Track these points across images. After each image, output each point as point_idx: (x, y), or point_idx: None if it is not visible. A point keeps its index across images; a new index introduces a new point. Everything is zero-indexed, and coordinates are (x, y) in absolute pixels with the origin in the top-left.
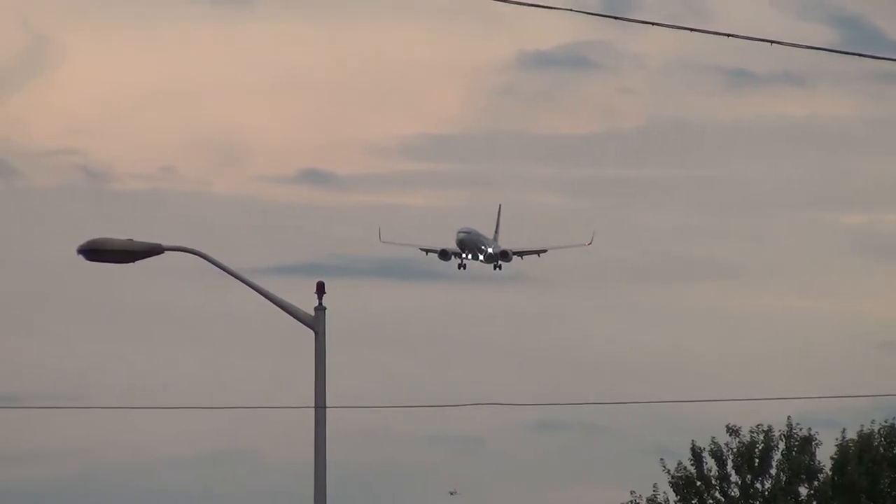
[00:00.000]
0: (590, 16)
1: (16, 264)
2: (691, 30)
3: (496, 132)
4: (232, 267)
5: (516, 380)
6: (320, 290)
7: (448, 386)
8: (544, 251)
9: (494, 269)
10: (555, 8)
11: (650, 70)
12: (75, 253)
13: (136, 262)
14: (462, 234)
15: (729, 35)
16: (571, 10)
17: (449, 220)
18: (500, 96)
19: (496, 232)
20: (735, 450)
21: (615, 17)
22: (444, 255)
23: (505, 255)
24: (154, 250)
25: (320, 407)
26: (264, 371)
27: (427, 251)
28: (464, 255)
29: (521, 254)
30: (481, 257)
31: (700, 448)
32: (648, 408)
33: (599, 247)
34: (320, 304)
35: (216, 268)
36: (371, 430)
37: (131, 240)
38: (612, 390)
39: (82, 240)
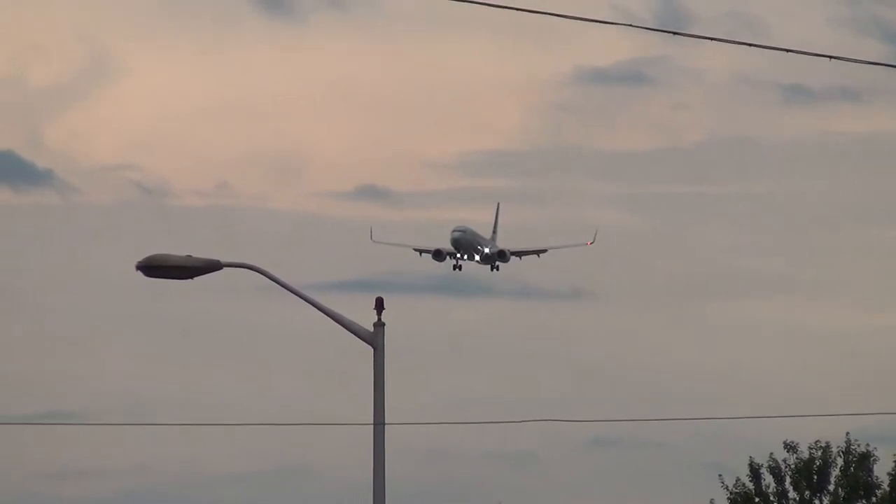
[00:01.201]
0: (647, 32)
1: (74, 280)
2: (750, 45)
3: (554, 148)
4: (290, 283)
5: (572, 396)
6: (379, 306)
7: (503, 402)
8: (544, 251)
9: (492, 269)
10: (613, 23)
11: (707, 86)
12: (134, 269)
13: (195, 278)
14: (457, 234)
15: (788, 50)
16: (630, 25)
17: (505, 234)
18: (559, 112)
19: (494, 232)
20: (793, 466)
21: (674, 33)
22: (439, 255)
23: (502, 255)
24: (212, 266)
25: (379, 423)
26: (322, 387)
27: (421, 252)
28: (459, 256)
29: (519, 254)
30: (477, 258)
31: (758, 464)
32: (706, 424)
33: (658, 263)
34: (379, 319)
35: (274, 284)
36: (428, 446)
37: (190, 256)
38: (668, 406)
39: (140, 256)
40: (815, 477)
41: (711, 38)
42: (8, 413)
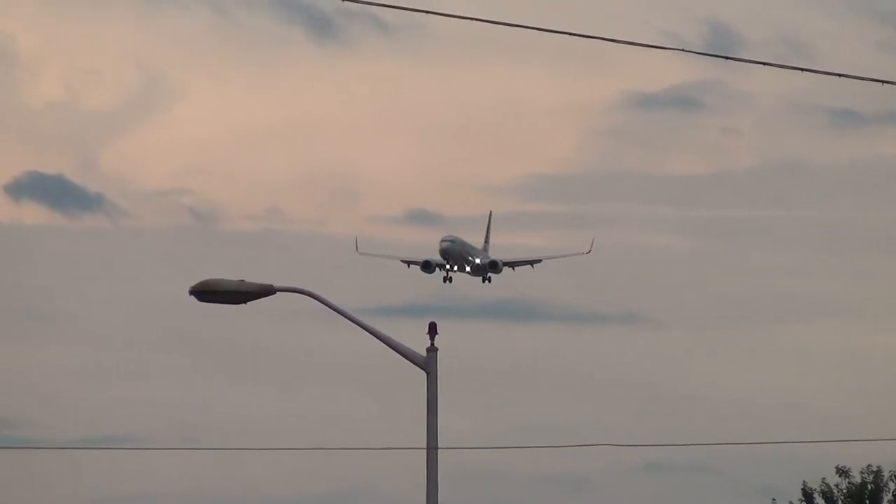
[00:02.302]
0: (696, 57)
1: (127, 306)
2: (803, 70)
3: (607, 172)
4: (343, 307)
5: (626, 420)
6: (432, 330)
7: (557, 426)
8: (538, 261)
9: (483, 281)
10: (666, 48)
11: (758, 110)
12: (187, 294)
13: (248, 303)
14: (446, 244)
15: (840, 75)
16: (683, 49)
17: (561, 260)
18: (612, 137)
19: (486, 242)
20: (845, 490)
21: (727, 58)
22: (428, 266)
23: (494, 266)
24: (266, 291)
25: (432, 448)
26: (375, 412)
27: (409, 263)
28: (448, 267)
29: (512, 265)
30: (468, 269)
31: (811, 489)
32: (759, 448)
33: (711, 286)
34: (432, 344)
35: (328, 308)
36: (481, 471)
37: (243, 281)
38: (722, 430)
39: (192, 281)
40: (868, 502)
41: (764, 63)
42: (60, 437)
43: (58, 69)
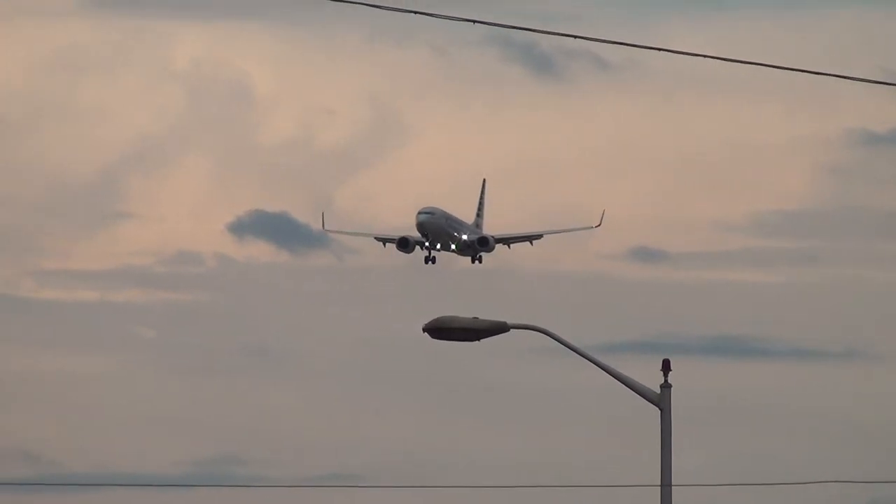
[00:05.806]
0: None
1: (356, 343)
2: None
3: (838, 210)
4: (576, 344)
5: (855, 456)
6: (666, 367)
7: (788, 463)
8: (538, 237)
9: (473, 261)
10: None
11: None
12: (418, 331)
13: (481, 340)
14: (423, 216)
15: None
16: None
17: (784, 298)
18: (840, 174)
19: (478, 215)
20: None
21: None
22: (405, 244)
23: (485, 243)
24: (499, 328)
25: (666, 485)
26: (609, 449)
27: (384, 241)
28: (429, 244)
29: (507, 241)
30: (453, 246)
31: None
32: None
33: None
34: (666, 381)
35: (560, 345)
36: None
37: (477, 318)
38: None
39: (422, 318)
40: None
41: None
42: (289, 475)
43: (291, 108)
